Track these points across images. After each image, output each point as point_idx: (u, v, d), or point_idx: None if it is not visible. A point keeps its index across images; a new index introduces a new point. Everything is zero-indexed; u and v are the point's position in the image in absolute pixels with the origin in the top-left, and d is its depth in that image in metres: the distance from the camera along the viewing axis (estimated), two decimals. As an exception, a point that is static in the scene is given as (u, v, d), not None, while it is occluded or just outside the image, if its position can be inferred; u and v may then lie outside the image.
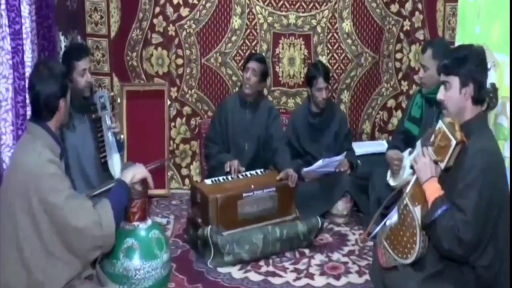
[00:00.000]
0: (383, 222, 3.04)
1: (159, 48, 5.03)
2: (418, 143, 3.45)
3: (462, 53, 2.69)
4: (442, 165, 2.67)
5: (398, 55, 5.20)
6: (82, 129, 3.64)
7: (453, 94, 2.67)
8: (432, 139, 2.74)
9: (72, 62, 3.58)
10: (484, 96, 2.71)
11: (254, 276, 3.70)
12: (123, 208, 2.66)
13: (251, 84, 4.48)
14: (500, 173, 2.64)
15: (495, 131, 3.15)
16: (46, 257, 2.41)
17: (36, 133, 2.52)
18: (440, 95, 2.74)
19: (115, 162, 3.76)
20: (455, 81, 2.66)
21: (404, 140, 4.15)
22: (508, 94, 3.19)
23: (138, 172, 2.76)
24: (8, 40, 3.21)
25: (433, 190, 2.66)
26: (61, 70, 2.65)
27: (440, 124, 2.71)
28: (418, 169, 2.75)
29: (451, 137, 2.61)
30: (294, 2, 4.99)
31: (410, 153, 3.76)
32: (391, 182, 3.91)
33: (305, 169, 4.53)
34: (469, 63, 2.63)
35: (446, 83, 2.70)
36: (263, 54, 4.96)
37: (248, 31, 5.01)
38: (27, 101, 3.34)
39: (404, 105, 5.11)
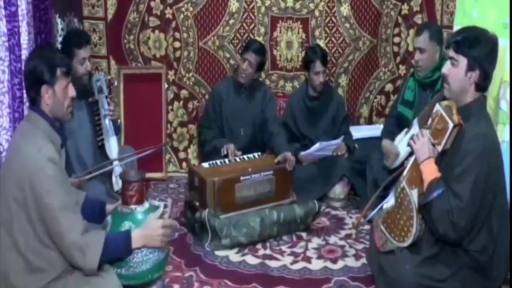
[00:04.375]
0: (379, 206, 3.06)
1: (156, 31, 5.00)
2: (415, 121, 3.46)
3: (474, 35, 2.63)
4: (439, 148, 2.68)
5: (396, 39, 5.18)
6: (80, 114, 3.63)
7: (459, 73, 2.63)
8: (429, 122, 2.75)
9: (72, 49, 3.56)
10: (487, 85, 2.70)
11: (251, 259, 3.72)
12: (113, 258, 2.52)
13: (246, 74, 4.47)
14: (496, 158, 2.65)
15: (496, 115, 3.16)
16: (41, 247, 2.37)
17: (35, 122, 2.46)
18: (445, 69, 2.70)
19: (112, 145, 3.76)
20: (463, 61, 2.62)
21: (397, 124, 4.16)
22: (508, 79, 3.20)
23: (151, 242, 2.60)
24: (4, 22, 3.19)
25: (430, 171, 2.66)
26: (55, 59, 2.52)
27: (437, 107, 2.71)
28: (416, 149, 2.75)
29: (448, 120, 2.62)
30: (292, -15, 4.98)
31: (406, 133, 3.81)
32: (388, 164, 3.95)
33: (302, 153, 4.53)
34: (480, 48, 2.58)
35: (453, 60, 2.65)
36: (261, 37, 4.95)
37: (246, 14, 4.98)
38: (25, 96, 3.33)
39: (402, 90, 5.11)
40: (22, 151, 2.39)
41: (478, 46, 2.59)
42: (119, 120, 4.01)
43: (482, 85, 2.66)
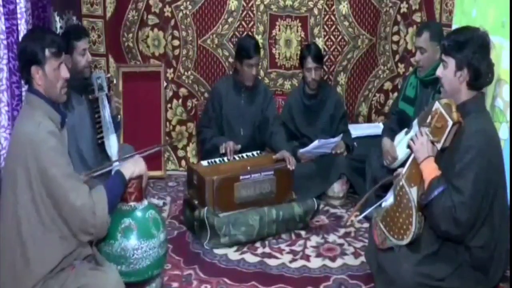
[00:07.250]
0: (377, 204, 3.07)
1: (155, 29, 5.00)
2: (415, 123, 3.46)
3: (463, 37, 2.68)
4: (439, 146, 2.69)
5: (395, 38, 5.18)
6: (80, 110, 3.63)
7: (449, 74, 2.70)
8: (428, 120, 2.76)
9: (71, 42, 3.57)
10: (480, 84, 2.72)
11: (250, 258, 3.71)
12: (118, 199, 2.64)
13: (256, 77, 4.48)
14: (496, 154, 2.66)
15: (492, 114, 3.17)
16: (43, 231, 2.39)
17: (33, 103, 2.48)
18: (438, 71, 2.77)
19: (112, 143, 3.76)
20: (451, 62, 2.68)
21: (398, 121, 4.17)
22: (504, 77, 3.20)
23: (137, 168, 2.72)
24: (2, 20, 3.19)
25: (430, 170, 2.67)
26: (44, 40, 2.49)
27: (437, 105, 2.72)
28: (416, 149, 2.76)
29: (447, 117, 2.63)
30: (291, -17, 4.97)
31: (406, 133, 3.81)
32: (385, 163, 3.95)
33: (301, 150, 4.53)
34: (467, 49, 2.63)
35: (444, 62, 2.72)
36: (260, 36, 4.96)
37: (245, 12, 4.98)
38: (23, 81, 3.33)
39: (400, 88, 5.12)
40: (23, 130, 2.43)
41: (465, 48, 2.64)
42: (119, 116, 4.01)
43: (474, 84, 2.69)
